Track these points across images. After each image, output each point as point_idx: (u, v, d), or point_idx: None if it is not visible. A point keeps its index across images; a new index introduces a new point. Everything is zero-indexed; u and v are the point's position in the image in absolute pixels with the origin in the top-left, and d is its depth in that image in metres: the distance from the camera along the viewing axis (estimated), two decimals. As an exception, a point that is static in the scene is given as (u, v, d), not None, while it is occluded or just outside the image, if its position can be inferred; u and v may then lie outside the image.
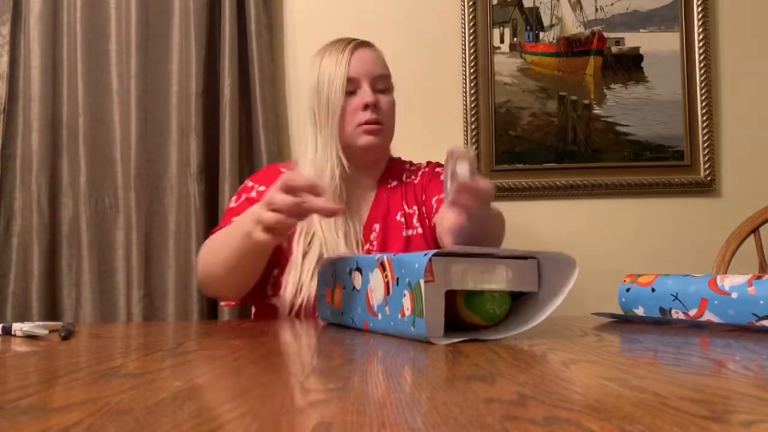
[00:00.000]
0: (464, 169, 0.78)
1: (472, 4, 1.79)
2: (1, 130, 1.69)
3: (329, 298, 0.88)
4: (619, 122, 1.79)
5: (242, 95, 1.72)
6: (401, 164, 1.36)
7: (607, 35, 1.81)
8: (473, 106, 1.77)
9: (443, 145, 1.75)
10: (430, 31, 1.81)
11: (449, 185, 0.80)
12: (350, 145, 1.22)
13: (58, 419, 0.33)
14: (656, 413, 0.33)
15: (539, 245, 1.69)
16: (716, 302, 0.77)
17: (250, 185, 1.28)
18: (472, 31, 1.79)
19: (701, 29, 1.79)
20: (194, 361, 0.56)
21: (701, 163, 1.78)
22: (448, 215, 0.98)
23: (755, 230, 1.52)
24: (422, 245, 1.24)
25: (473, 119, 1.77)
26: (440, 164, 1.35)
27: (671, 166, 1.78)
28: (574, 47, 1.81)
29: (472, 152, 0.95)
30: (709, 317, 0.78)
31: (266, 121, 1.70)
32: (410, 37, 1.80)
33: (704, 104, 1.78)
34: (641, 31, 1.81)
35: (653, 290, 0.86)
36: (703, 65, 1.78)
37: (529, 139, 1.78)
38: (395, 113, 1.28)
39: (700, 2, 1.79)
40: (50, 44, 1.71)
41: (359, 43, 1.26)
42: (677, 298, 0.82)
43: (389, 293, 0.72)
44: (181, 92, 1.71)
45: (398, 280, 0.70)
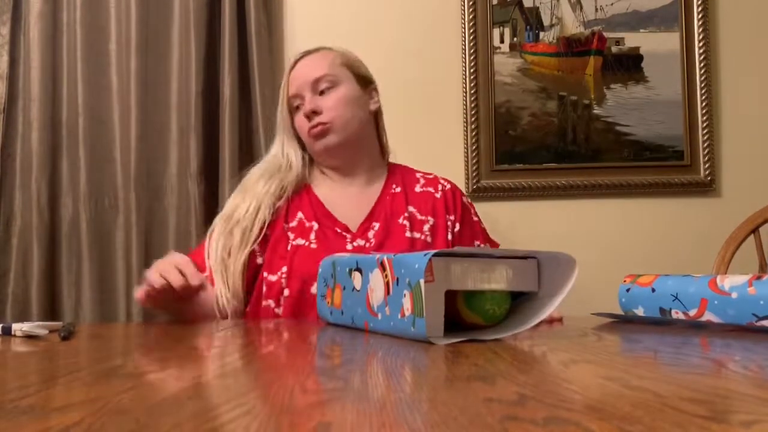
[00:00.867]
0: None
1: (472, 4, 1.79)
2: (0, 130, 1.68)
3: (329, 298, 0.88)
4: (619, 122, 1.79)
5: (242, 95, 1.72)
6: (409, 172, 1.36)
7: (607, 35, 1.81)
8: (473, 106, 1.77)
9: (444, 145, 1.76)
10: (430, 30, 1.81)
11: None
12: (313, 152, 1.29)
13: (58, 419, 0.33)
14: (656, 413, 0.33)
15: (539, 245, 1.69)
16: (716, 302, 0.77)
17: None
18: (472, 30, 1.78)
19: (701, 29, 1.79)
20: (194, 361, 0.56)
21: (701, 163, 1.78)
22: None
23: (755, 230, 1.52)
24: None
25: (473, 119, 1.77)
26: (460, 190, 1.36)
27: (671, 166, 1.78)
28: (574, 47, 1.81)
29: None
30: (709, 317, 0.78)
31: (266, 121, 1.70)
32: (410, 36, 1.80)
33: (704, 104, 1.78)
34: (641, 31, 1.81)
35: (653, 290, 0.86)
36: (703, 65, 1.78)
37: (529, 139, 1.78)
38: (352, 103, 1.26)
39: (700, 2, 1.79)
40: (50, 44, 1.71)
41: (300, 56, 1.30)
42: (677, 298, 0.82)
43: (389, 293, 0.72)
44: (181, 92, 1.71)
45: (398, 280, 0.70)
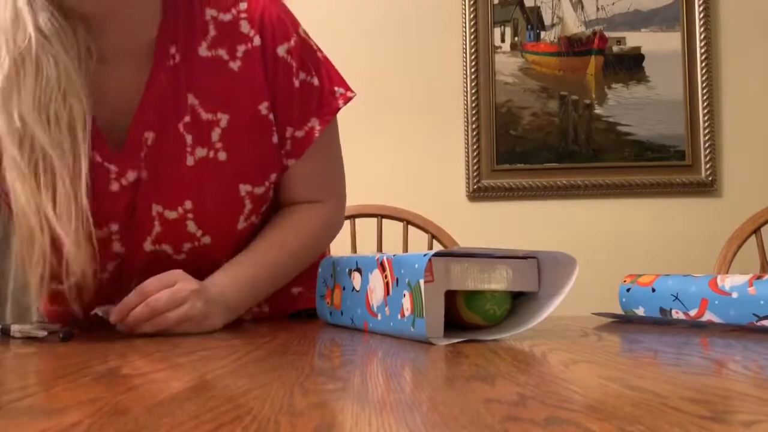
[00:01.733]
0: None
1: (473, 3, 1.78)
2: (1, 129, 1.68)
3: (329, 298, 0.88)
4: (620, 122, 1.79)
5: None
6: (194, 11, 0.79)
7: (608, 35, 1.81)
8: (474, 105, 1.77)
9: (444, 144, 1.76)
10: (431, 30, 1.81)
11: None
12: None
13: (58, 419, 0.33)
14: (656, 413, 0.33)
15: (539, 245, 1.69)
16: (717, 302, 0.77)
17: None
18: (473, 30, 1.78)
19: (702, 29, 1.78)
20: (194, 361, 0.56)
21: (702, 163, 1.77)
22: None
23: (756, 230, 1.52)
24: (219, 183, 0.79)
25: (474, 119, 1.77)
26: (281, 30, 0.84)
27: (672, 166, 1.78)
28: (575, 47, 1.81)
29: None
30: (709, 317, 0.78)
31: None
32: (411, 36, 1.80)
33: (705, 104, 1.78)
34: (642, 30, 1.81)
35: (653, 290, 0.86)
36: (704, 65, 1.78)
37: (530, 138, 1.78)
38: None
39: (701, 2, 1.79)
40: (51, 44, 1.70)
41: None
42: (677, 298, 0.82)
43: (389, 293, 0.72)
44: (181, 92, 1.70)
45: (398, 280, 0.70)
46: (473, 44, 1.78)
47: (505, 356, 0.55)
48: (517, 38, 1.80)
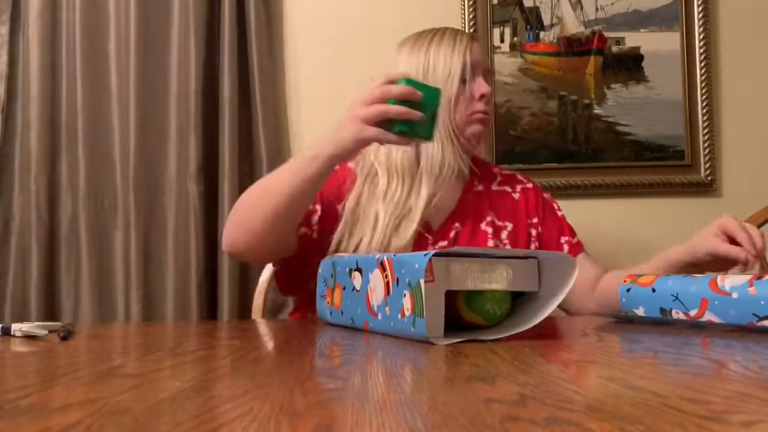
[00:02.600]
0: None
1: (472, 3, 1.79)
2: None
3: (329, 298, 0.88)
4: (619, 122, 1.79)
5: (242, 95, 1.71)
6: (486, 166, 1.29)
7: (607, 35, 1.81)
8: (473, 105, 1.77)
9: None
10: (430, 30, 1.81)
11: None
12: (461, 131, 1.16)
13: (58, 419, 0.33)
14: (656, 413, 0.33)
15: (539, 245, 1.69)
16: (717, 302, 0.77)
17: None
18: (472, 30, 1.78)
19: (702, 29, 1.78)
20: (194, 361, 0.56)
21: (702, 163, 1.78)
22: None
23: (755, 230, 1.52)
24: None
25: (473, 119, 1.77)
26: (543, 189, 1.30)
27: (672, 166, 1.78)
28: (574, 47, 1.81)
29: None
30: (709, 317, 0.78)
31: (266, 121, 1.70)
32: (410, 36, 1.80)
33: (705, 104, 1.78)
34: (642, 30, 1.81)
35: (654, 290, 0.86)
36: (703, 65, 1.78)
37: (529, 138, 1.78)
38: None
39: (700, 2, 1.79)
40: (49, 44, 1.70)
41: (472, 34, 1.26)
42: (678, 298, 0.82)
43: (389, 293, 0.72)
44: (180, 92, 1.71)
45: (398, 280, 0.70)
46: (472, 44, 1.78)
47: (505, 356, 0.55)
48: (516, 38, 1.80)
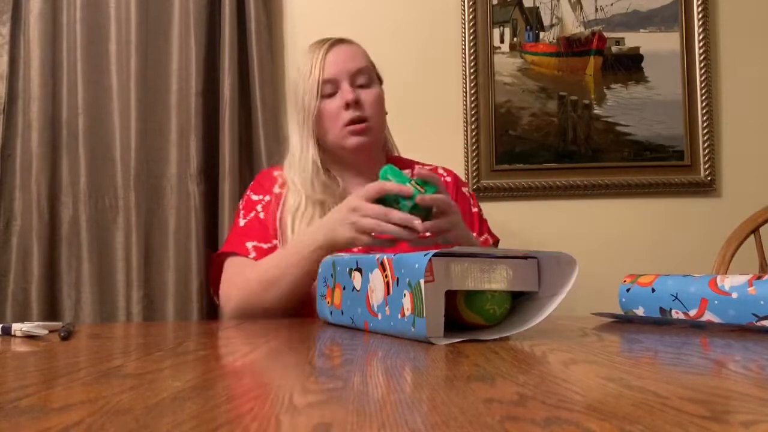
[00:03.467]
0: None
1: (472, 3, 1.79)
2: (0, 130, 1.68)
3: (329, 298, 0.88)
4: (619, 122, 1.79)
5: (242, 95, 1.72)
6: (407, 164, 1.33)
7: (607, 35, 1.81)
8: (473, 106, 1.77)
9: (444, 145, 1.76)
10: (430, 30, 1.81)
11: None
12: (339, 147, 1.22)
13: (58, 419, 0.33)
14: (656, 413, 0.33)
15: (539, 245, 1.69)
16: (716, 302, 0.77)
17: (254, 198, 1.27)
18: (472, 30, 1.78)
19: (701, 29, 1.79)
20: (194, 361, 0.56)
21: (701, 163, 1.78)
22: None
23: (755, 230, 1.52)
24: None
25: (473, 119, 1.77)
26: (461, 180, 1.35)
27: (671, 166, 1.78)
28: (574, 47, 1.81)
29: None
30: (709, 317, 0.78)
31: (266, 121, 1.70)
32: (410, 37, 1.80)
33: (704, 104, 1.78)
34: (641, 31, 1.81)
35: (653, 290, 0.86)
36: (703, 65, 1.78)
37: (529, 139, 1.78)
38: (384, 105, 1.26)
39: (700, 2, 1.79)
40: (50, 44, 1.71)
41: (335, 41, 1.24)
42: (677, 298, 0.82)
43: (389, 293, 0.72)
44: (180, 92, 1.71)
45: (398, 280, 0.70)
46: (472, 45, 1.78)
47: (505, 356, 0.55)
48: (516, 39, 1.80)
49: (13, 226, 1.68)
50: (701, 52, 1.78)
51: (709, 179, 1.77)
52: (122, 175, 1.68)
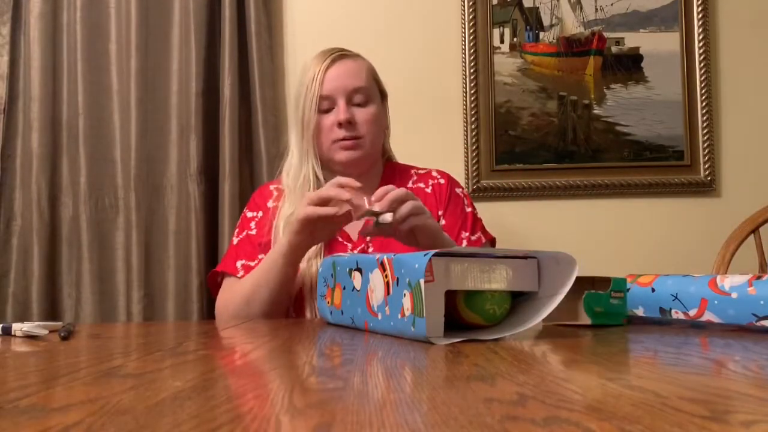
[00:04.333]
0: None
1: (472, 4, 1.79)
2: (1, 130, 1.68)
3: (329, 298, 0.88)
4: (619, 122, 1.79)
5: (242, 95, 1.72)
6: (404, 169, 1.36)
7: (607, 35, 1.81)
8: (473, 106, 1.77)
9: (444, 145, 1.76)
10: (430, 31, 1.81)
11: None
12: (330, 160, 1.26)
13: (58, 419, 0.33)
14: (656, 413, 0.33)
15: (539, 245, 1.69)
16: (716, 302, 0.77)
17: (249, 216, 1.31)
18: (472, 31, 1.78)
19: (701, 29, 1.79)
20: (194, 361, 0.56)
21: (701, 163, 1.78)
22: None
23: (755, 230, 1.52)
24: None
25: (473, 119, 1.77)
26: (456, 181, 1.35)
27: (671, 166, 1.78)
28: (574, 47, 1.81)
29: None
30: (709, 317, 0.78)
31: (266, 121, 1.70)
32: (410, 37, 1.80)
33: (704, 104, 1.78)
34: (641, 31, 1.81)
35: (653, 290, 0.86)
36: (703, 65, 1.78)
37: (529, 139, 1.78)
38: (380, 123, 1.28)
39: (700, 2, 1.79)
40: (50, 44, 1.71)
41: (338, 56, 1.26)
42: (677, 298, 0.82)
43: (389, 293, 0.72)
44: (181, 92, 1.71)
45: (398, 280, 0.70)
46: (472, 45, 1.78)
47: (505, 356, 0.55)
48: (516, 39, 1.80)
49: (13, 226, 1.68)
50: (701, 52, 1.78)
51: (709, 179, 1.77)
52: (122, 175, 1.68)
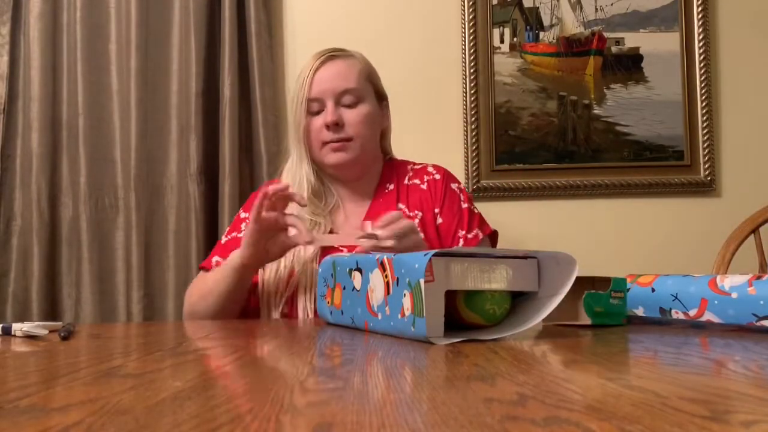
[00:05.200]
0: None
1: (472, 4, 1.79)
2: (1, 130, 1.69)
3: (329, 298, 0.88)
4: (619, 122, 1.79)
5: (242, 95, 1.72)
6: (400, 165, 1.36)
7: (607, 35, 1.81)
8: (473, 106, 1.77)
9: (444, 145, 1.76)
10: (430, 31, 1.81)
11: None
12: (321, 163, 1.26)
13: (58, 419, 0.33)
14: (656, 413, 0.33)
15: (539, 245, 1.69)
16: (716, 302, 0.77)
17: (242, 216, 1.32)
18: (472, 31, 1.79)
19: (701, 29, 1.79)
20: (194, 361, 0.56)
21: (701, 163, 1.78)
22: None
23: (755, 230, 1.52)
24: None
25: (473, 119, 1.77)
26: (452, 176, 1.34)
27: (671, 166, 1.78)
28: (574, 47, 1.81)
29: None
30: (709, 317, 0.78)
31: (266, 121, 1.70)
32: (410, 37, 1.80)
33: (704, 104, 1.78)
34: (641, 31, 1.81)
35: (653, 290, 0.86)
36: (702, 65, 1.78)
37: (529, 139, 1.78)
38: (373, 123, 1.28)
39: (699, 2, 1.79)
40: (50, 44, 1.71)
41: (328, 57, 1.26)
42: (677, 298, 0.82)
43: (389, 293, 0.72)
44: (181, 92, 1.71)
45: (398, 280, 0.70)
46: (472, 45, 1.78)
47: (505, 356, 0.55)
48: (516, 39, 1.80)
49: (13, 226, 1.68)
50: (701, 52, 1.78)
51: (708, 179, 1.77)
52: (122, 175, 1.68)
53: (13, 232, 1.68)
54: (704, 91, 1.78)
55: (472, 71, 1.77)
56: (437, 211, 1.28)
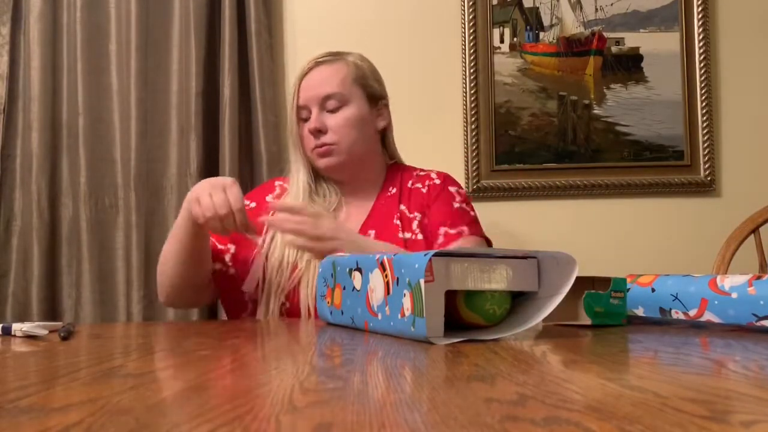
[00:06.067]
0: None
1: (472, 4, 1.79)
2: (1, 130, 1.69)
3: (329, 298, 0.88)
4: (619, 122, 1.79)
5: (242, 95, 1.72)
6: (408, 171, 1.37)
7: (607, 35, 1.81)
8: (473, 106, 1.77)
9: (443, 145, 1.76)
10: (430, 31, 1.81)
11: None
12: (315, 166, 1.30)
13: (58, 419, 0.33)
14: (656, 413, 0.33)
15: (539, 245, 1.69)
16: (716, 302, 0.77)
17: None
18: (472, 31, 1.79)
19: (701, 29, 1.79)
20: (194, 361, 0.56)
21: (701, 163, 1.78)
22: None
23: (755, 230, 1.52)
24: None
25: (473, 119, 1.77)
26: (453, 181, 1.35)
27: (671, 166, 1.78)
28: (574, 47, 1.81)
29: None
30: (709, 317, 0.78)
31: (266, 121, 1.70)
32: (410, 37, 1.80)
33: (704, 104, 1.78)
34: (641, 31, 1.81)
35: (653, 290, 0.86)
36: (702, 65, 1.78)
37: (529, 139, 1.78)
38: (360, 125, 1.28)
39: (700, 2, 1.79)
40: (50, 44, 1.71)
41: (314, 64, 1.29)
42: (677, 298, 0.82)
43: (389, 293, 0.72)
44: (181, 92, 1.71)
45: (398, 280, 0.70)
46: (472, 45, 1.78)
47: (505, 356, 0.55)
48: (516, 39, 1.80)
49: (13, 226, 1.68)
50: (701, 52, 1.78)
51: (708, 179, 1.77)
52: (122, 175, 1.68)
53: (13, 232, 1.68)
54: (704, 91, 1.78)
55: (472, 71, 1.77)
56: (431, 208, 1.29)
